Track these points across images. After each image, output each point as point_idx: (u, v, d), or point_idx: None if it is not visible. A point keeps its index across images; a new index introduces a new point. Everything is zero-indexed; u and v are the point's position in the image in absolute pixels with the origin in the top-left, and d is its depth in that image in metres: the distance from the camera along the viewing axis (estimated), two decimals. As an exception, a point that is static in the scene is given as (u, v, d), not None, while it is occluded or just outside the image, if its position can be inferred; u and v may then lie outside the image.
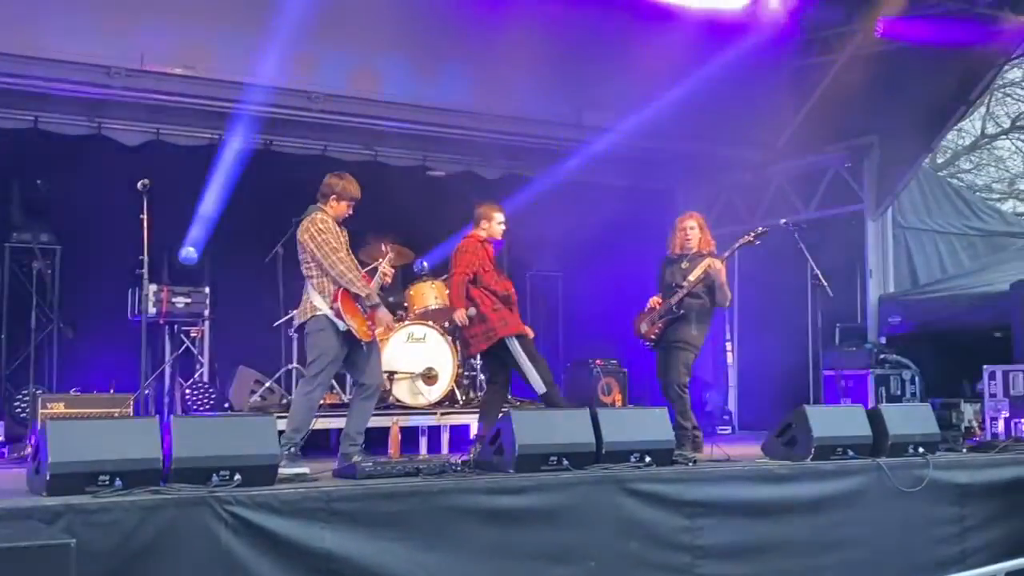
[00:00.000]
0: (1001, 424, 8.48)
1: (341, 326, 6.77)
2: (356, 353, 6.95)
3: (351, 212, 7.09)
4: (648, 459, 6.55)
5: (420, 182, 11.00)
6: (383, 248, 7.53)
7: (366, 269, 7.41)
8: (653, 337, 8.10)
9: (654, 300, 8.15)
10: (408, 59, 10.05)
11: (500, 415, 7.63)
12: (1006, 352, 9.04)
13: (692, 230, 8.13)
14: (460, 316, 7.80)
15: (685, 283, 7.94)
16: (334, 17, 9.17)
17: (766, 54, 11.20)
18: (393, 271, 7.32)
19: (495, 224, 8.03)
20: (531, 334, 8.05)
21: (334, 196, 6.98)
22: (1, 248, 9.64)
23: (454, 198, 10.72)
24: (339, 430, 7.51)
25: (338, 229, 6.96)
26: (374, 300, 6.92)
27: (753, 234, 8.19)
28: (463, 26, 9.80)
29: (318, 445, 7.99)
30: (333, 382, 8.19)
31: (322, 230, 6.81)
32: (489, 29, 9.82)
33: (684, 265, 8.08)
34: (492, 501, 5.83)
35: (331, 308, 6.78)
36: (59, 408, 7.72)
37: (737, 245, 8.21)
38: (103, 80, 8.76)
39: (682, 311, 7.96)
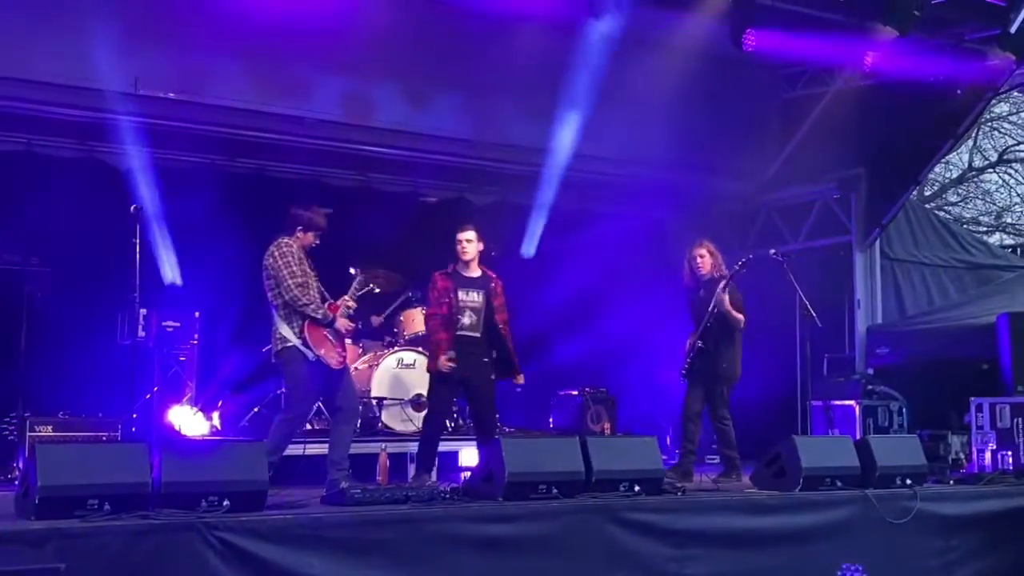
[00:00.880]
0: (988, 456, 8.50)
1: (311, 356, 6.84)
2: (330, 379, 7.00)
3: (317, 243, 7.18)
4: (637, 488, 6.55)
5: (412, 209, 11.03)
6: (352, 271, 7.53)
7: (360, 293, 7.45)
8: (684, 371, 8.29)
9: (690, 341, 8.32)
10: (401, 87, 10.11)
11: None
12: (993, 384, 9.08)
13: (702, 258, 8.31)
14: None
15: (707, 315, 8.12)
16: (328, 45, 9.23)
17: (755, 86, 11.36)
18: (355, 302, 7.31)
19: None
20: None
21: (300, 227, 7.10)
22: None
23: (445, 225, 10.74)
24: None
25: (302, 257, 7.03)
26: (328, 320, 6.95)
27: (739, 264, 8.30)
28: (455, 54, 9.88)
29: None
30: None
31: (284, 253, 6.93)
32: (481, 57, 9.91)
33: (702, 294, 8.25)
34: (481, 529, 5.84)
35: (299, 338, 6.85)
36: (47, 431, 7.69)
37: (729, 275, 8.25)
38: (96, 104, 8.77)
39: (703, 346, 8.15)
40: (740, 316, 8.19)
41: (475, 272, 7.73)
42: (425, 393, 9.25)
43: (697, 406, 8.25)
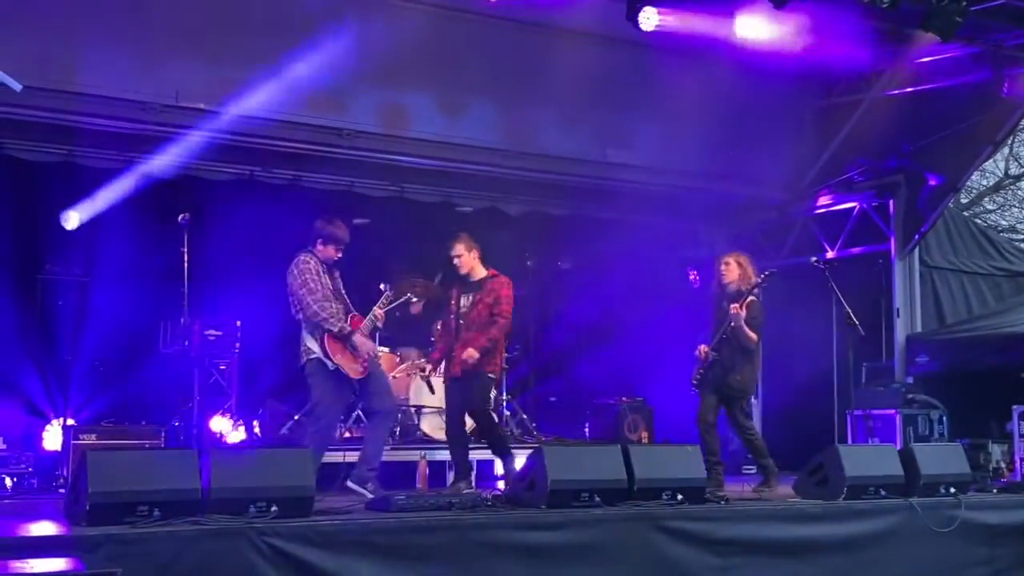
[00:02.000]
0: (1032, 465, 8.42)
1: (330, 366, 6.98)
2: (360, 384, 7.11)
3: (339, 255, 7.31)
4: (680, 497, 6.53)
5: (446, 218, 11.06)
6: (382, 287, 7.57)
7: (394, 303, 7.50)
8: (695, 382, 8.10)
9: (701, 349, 8.09)
10: (435, 97, 10.14)
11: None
12: (1033, 393, 9.01)
13: (727, 266, 8.11)
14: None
15: (723, 327, 7.95)
16: (363, 55, 9.27)
17: (791, 94, 11.32)
18: (383, 313, 7.38)
19: None
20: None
21: (320, 240, 7.25)
22: (33, 281, 9.72)
23: (479, 234, 10.78)
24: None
25: (322, 271, 7.14)
26: (344, 333, 7.03)
27: (762, 277, 8.04)
28: (489, 64, 9.92)
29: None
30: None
31: (303, 270, 7.08)
32: (515, 67, 9.94)
33: (725, 304, 8.04)
34: (525, 537, 5.85)
35: (321, 349, 6.97)
36: (91, 439, 7.76)
37: (751, 288, 8.01)
38: (138, 115, 8.86)
39: (717, 356, 7.96)
40: (752, 336, 7.91)
41: (478, 276, 7.93)
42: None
43: (710, 417, 8.04)
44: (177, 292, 7.71)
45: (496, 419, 8.40)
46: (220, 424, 8.89)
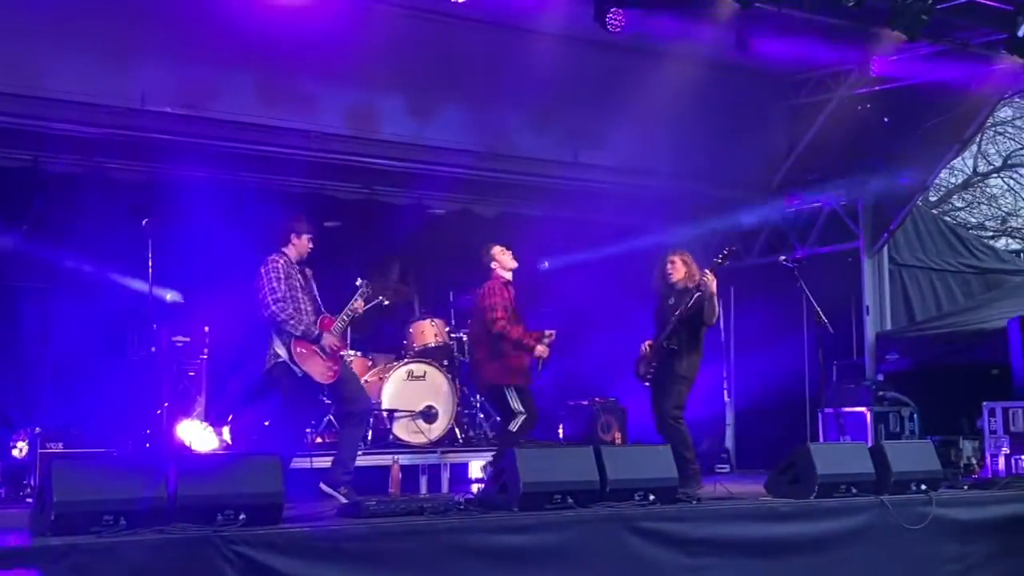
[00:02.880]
0: (1002, 461, 8.47)
1: (298, 372, 6.91)
2: (331, 388, 7.07)
3: (311, 246, 7.28)
4: (652, 497, 6.53)
5: (418, 221, 11.02)
6: (359, 282, 7.52)
7: (369, 306, 7.46)
8: (649, 376, 8.13)
9: (646, 344, 8.18)
10: (406, 99, 10.10)
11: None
12: (1002, 389, 9.06)
13: (673, 264, 8.17)
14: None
15: (673, 317, 7.97)
16: (333, 58, 9.23)
17: (760, 94, 11.36)
18: (361, 306, 7.36)
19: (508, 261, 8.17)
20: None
21: (294, 233, 7.22)
22: (-5, 288, 9.60)
23: (452, 237, 10.76)
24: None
25: (294, 271, 7.12)
26: (311, 336, 7.00)
27: (720, 256, 8.07)
28: (460, 66, 9.87)
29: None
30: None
31: (268, 270, 7.04)
32: (486, 69, 9.90)
33: (671, 301, 8.10)
34: (498, 540, 5.82)
35: (288, 355, 6.91)
36: (58, 448, 7.67)
37: (712, 266, 7.99)
38: (104, 120, 8.77)
39: (672, 346, 7.98)
40: (717, 309, 8.02)
41: None
42: (435, 404, 9.27)
43: (680, 409, 8.04)
44: (143, 298, 7.61)
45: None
46: (189, 431, 8.79)
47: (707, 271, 7.92)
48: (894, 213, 11.12)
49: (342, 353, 7.36)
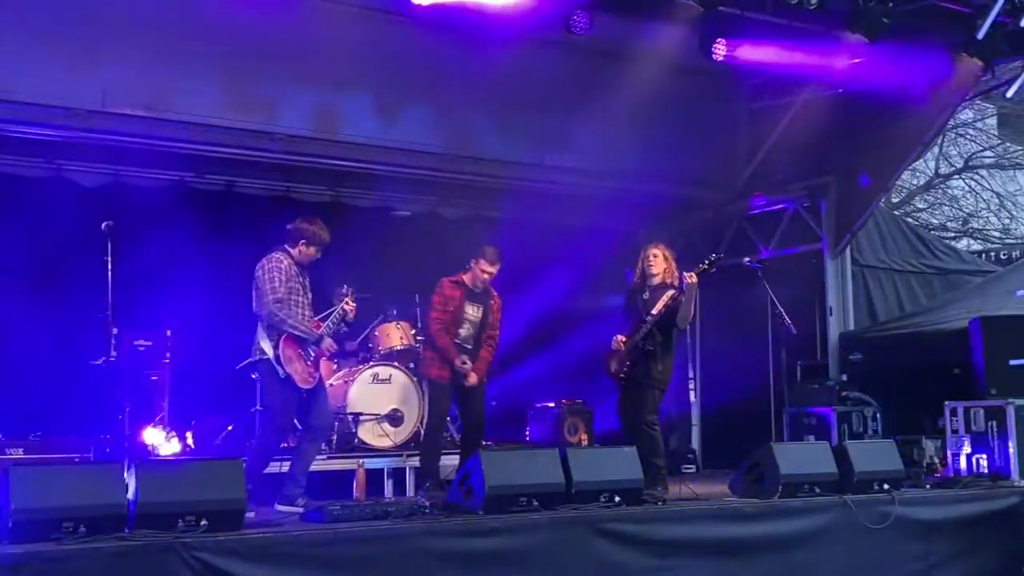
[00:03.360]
0: (963, 460, 8.54)
1: (280, 373, 6.84)
2: (307, 394, 7.01)
3: (319, 256, 7.19)
4: (618, 499, 6.54)
5: (384, 223, 10.99)
6: (344, 289, 7.47)
7: (330, 310, 7.41)
8: (623, 376, 7.92)
9: (619, 339, 7.92)
10: (371, 100, 10.04)
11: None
12: (964, 389, 9.14)
13: (655, 258, 7.94)
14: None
15: (649, 317, 7.77)
16: (296, 58, 9.18)
17: (724, 96, 11.42)
18: (354, 307, 7.31)
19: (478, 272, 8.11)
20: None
21: (304, 240, 7.09)
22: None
23: (418, 239, 10.73)
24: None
25: (295, 272, 7.01)
26: (312, 338, 6.98)
27: (707, 262, 7.85)
28: (425, 68, 9.84)
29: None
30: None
31: (273, 267, 6.93)
32: (451, 71, 9.88)
33: (646, 296, 7.90)
34: (463, 544, 5.82)
35: (274, 354, 6.83)
36: (18, 454, 7.57)
37: (700, 269, 7.81)
38: (63, 121, 8.67)
39: (649, 347, 7.79)
40: (691, 313, 7.88)
41: (481, 288, 8.11)
42: (400, 407, 9.25)
43: (655, 414, 7.88)
44: (103, 302, 7.52)
45: None
46: (152, 436, 8.71)
47: (691, 274, 7.69)
48: (857, 214, 11.18)
49: (324, 358, 7.33)
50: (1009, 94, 9.61)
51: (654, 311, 7.75)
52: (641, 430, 7.75)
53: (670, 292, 7.77)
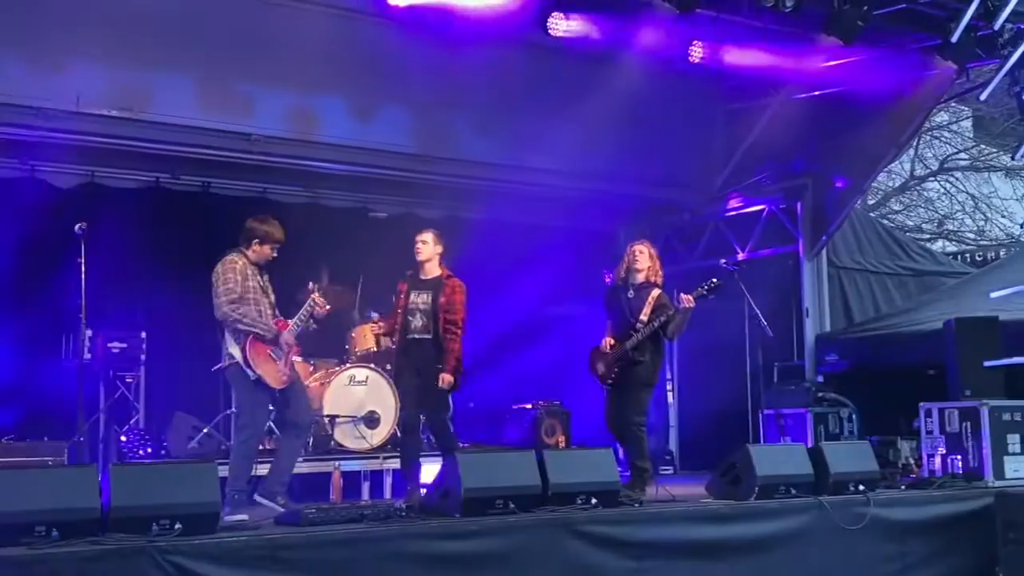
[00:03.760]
0: (938, 461, 8.58)
1: (251, 375, 6.81)
2: (280, 393, 6.96)
3: (274, 255, 7.14)
4: (595, 501, 6.53)
5: (360, 224, 10.96)
6: (311, 286, 7.44)
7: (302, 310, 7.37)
8: (611, 380, 7.84)
9: (607, 342, 7.83)
10: (347, 101, 10.03)
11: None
12: (940, 390, 9.19)
13: (640, 254, 7.84)
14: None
15: (639, 323, 7.68)
16: (273, 59, 9.15)
17: (701, 98, 11.45)
18: (323, 302, 7.27)
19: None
20: None
21: (257, 240, 7.05)
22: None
23: (396, 240, 10.68)
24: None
25: (251, 271, 6.98)
26: (269, 335, 6.91)
27: (706, 287, 7.74)
28: (401, 68, 9.83)
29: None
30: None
31: (227, 269, 6.89)
32: (428, 71, 9.88)
33: (630, 295, 7.81)
34: (439, 546, 5.78)
35: (243, 357, 6.81)
36: (-10, 457, 7.51)
37: (698, 294, 7.68)
38: (37, 122, 8.60)
39: (641, 358, 7.69)
40: (683, 330, 7.77)
41: (431, 274, 7.86)
42: (377, 409, 9.22)
43: (643, 415, 7.84)
44: (77, 304, 7.46)
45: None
46: (127, 439, 8.65)
47: (689, 297, 7.58)
48: (833, 216, 11.24)
49: (294, 358, 7.30)
50: (983, 97, 9.68)
51: (643, 317, 7.68)
52: (630, 431, 7.74)
53: (655, 292, 7.74)
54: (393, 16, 9.07)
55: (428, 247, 7.84)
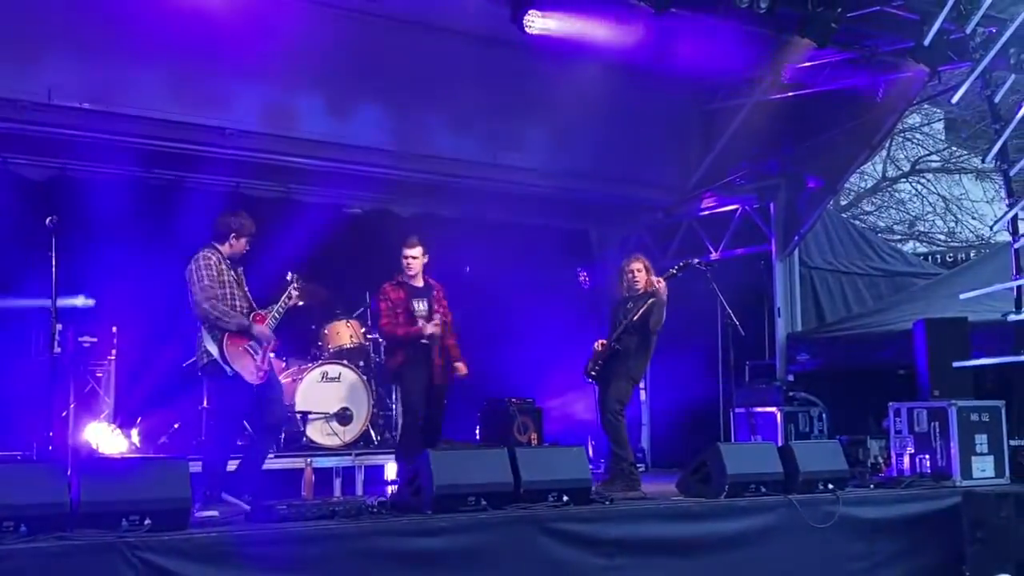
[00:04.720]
0: (907, 460, 8.66)
1: (228, 372, 6.78)
2: (258, 389, 6.95)
3: (248, 248, 7.15)
4: (566, 498, 6.56)
5: (336, 220, 10.92)
6: (289, 277, 7.42)
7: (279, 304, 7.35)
8: (594, 373, 8.15)
9: (599, 343, 8.19)
10: (323, 97, 10.00)
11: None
12: (909, 390, 9.28)
13: (639, 272, 8.21)
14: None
15: (626, 320, 8.02)
16: (248, 54, 9.10)
17: (676, 98, 11.50)
18: (299, 293, 7.27)
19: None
20: None
21: (234, 234, 7.05)
22: None
23: (371, 236, 10.67)
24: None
25: (225, 267, 6.96)
26: (244, 328, 6.89)
27: (676, 268, 8.32)
28: (379, 65, 9.81)
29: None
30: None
31: (200, 266, 6.87)
32: (405, 68, 9.87)
33: (630, 306, 8.15)
34: (410, 543, 5.80)
35: (220, 353, 6.77)
36: (-43, 452, 7.44)
37: (668, 275, 8.21)
38: (8, 114, 8.53)
39: (619, 347, 8.02)
40: (663, 317, 8.08)
41: (420, 282, 8.14)
42: (350, 406, 9.21)
43: (621, 405, 8.09)
44: (47, 297, 7.41)
45: None
46: (97, 434, 8.60)
47: (660, 279, 8.02)
48: (805, 217, 11.32)
49: (270, 354, 7.27)
50: (955, 99, 9.75)
51: (635, 318, 8.02)
52: (606, 418, 7.98)
53: (651, 300, 8.02)
54: (371, 11, 9.06)
55: (418, 262, 8.10)
